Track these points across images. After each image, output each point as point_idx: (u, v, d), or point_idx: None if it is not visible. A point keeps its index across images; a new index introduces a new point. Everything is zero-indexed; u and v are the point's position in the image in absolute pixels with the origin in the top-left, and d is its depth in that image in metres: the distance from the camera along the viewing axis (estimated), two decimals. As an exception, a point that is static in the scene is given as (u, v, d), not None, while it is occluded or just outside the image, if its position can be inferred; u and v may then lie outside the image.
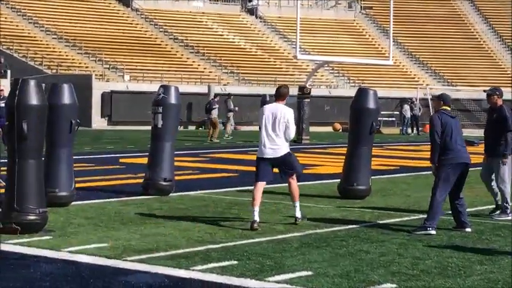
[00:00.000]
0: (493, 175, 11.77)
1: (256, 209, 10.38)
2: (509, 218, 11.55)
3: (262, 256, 8.56)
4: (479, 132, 42.22)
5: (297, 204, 10.80)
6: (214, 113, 32.01)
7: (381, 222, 11.19)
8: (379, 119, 14.29)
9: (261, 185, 10.69)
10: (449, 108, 10.64)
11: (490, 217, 11.70)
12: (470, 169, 10.77)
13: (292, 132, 10.67)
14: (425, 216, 10.47)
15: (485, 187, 12.08)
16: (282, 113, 10.56)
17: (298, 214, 10.79)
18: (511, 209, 11.73)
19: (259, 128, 10.80)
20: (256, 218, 10.33)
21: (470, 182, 16.53)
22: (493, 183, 11.85)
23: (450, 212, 10.78)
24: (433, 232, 10.14)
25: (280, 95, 10.80)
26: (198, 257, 8.42)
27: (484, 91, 12.05)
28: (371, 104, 13.59)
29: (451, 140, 10.38)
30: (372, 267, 8.11)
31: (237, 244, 9.22)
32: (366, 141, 13.64)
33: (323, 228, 10.49)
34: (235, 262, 8.24)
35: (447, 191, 10.45)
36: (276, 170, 10.94)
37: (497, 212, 11.84)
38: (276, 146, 10.62)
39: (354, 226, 10.76)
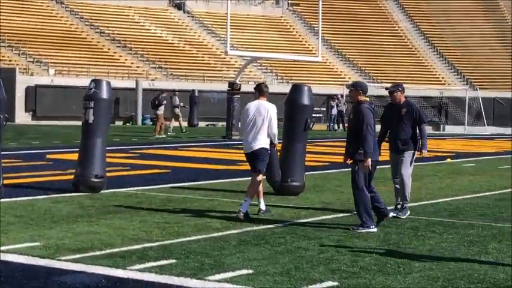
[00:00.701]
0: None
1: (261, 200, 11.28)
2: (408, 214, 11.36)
3: (201, 254, 8.41)
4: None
5: (261, 200, 11.38)
6: (162, 109, 31.79)
7: (317, 219, 11.16)
8: (313, 115, 14.21)
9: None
10: (368, 100, 10.53)
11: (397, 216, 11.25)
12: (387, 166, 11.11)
13: (275, 128, 11.19)
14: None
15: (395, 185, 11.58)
16: (266, 110, 11.10)
17: (262, 206, 11.37)
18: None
19: (243, 124, 11.28)
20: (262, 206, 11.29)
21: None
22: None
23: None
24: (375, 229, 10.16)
25: (262, 91, 11.28)
26: (135, 256, 8.21)
27: (386, 88, 11.81)
28: (305, 101, 13.55)
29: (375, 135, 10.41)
30: (312, 265, 8.05)
31: (174, 242, 9.04)
32: (301, 137, 13.60)
33: (260, 225, 10.40)
34: (174, 261, 8.06)
35: None
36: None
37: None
38: (257, 141, 11.10)
39: (291, 223, 10.69)
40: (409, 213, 11.41)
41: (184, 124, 35.22)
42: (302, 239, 9.44)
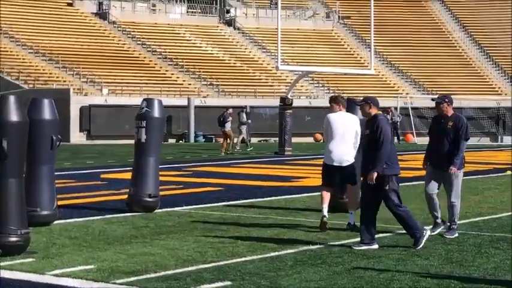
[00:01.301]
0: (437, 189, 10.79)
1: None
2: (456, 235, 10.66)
3: (257, 276, 8.19)
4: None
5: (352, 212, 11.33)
6: (228, 126, 31.95)
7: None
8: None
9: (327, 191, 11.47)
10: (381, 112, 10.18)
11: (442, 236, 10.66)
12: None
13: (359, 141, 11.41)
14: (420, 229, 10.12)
15: (430, 202, 10.88)
16: (351, 122, 11.42)
17: (351, 220, 11.33)
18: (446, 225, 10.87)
19: (327, 137, 11.49)
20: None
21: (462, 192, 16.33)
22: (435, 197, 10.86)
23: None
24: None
25: (340, 103, 11.50)
26: (189, 278, 8.03)
27: (432, 99, 11.17)
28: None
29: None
30: (372, 286, 7.78)
31: (229, 263, 8.85)
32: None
33: (316, 244, 10.13)
34: (229, 283, 7.87)
35: None
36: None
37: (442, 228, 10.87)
38: (343, 155, 11.33)
39: (348, 241, 10.41)
40: (457, 234, 10.68)
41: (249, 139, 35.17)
42: (360, 258, 9.17)
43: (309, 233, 11.04)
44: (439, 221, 10.88)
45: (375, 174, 9.72)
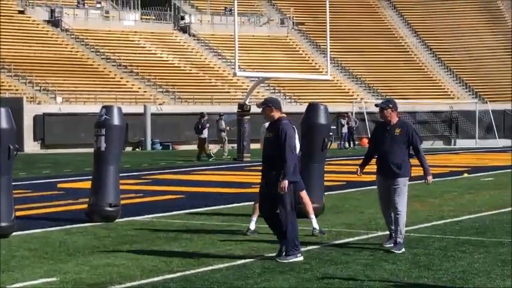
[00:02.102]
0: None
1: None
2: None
3: (225, 285, 8.05)
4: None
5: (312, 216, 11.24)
6: (205, 133, 31.92)
7: (340, 241, 10.78)
8: (331, 134, 13.86)
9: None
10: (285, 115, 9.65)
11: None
12: (417, 182, 10.60)
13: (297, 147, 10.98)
14: (383, 233, 10.10)
15: (387, 216, 10.23)
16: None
17: (315, 225, 11.21)
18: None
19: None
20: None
21: (421, 196, 16.41)
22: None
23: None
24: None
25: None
26: (156, 289, 7.86)
27: (376, 105, 10.40)
28: (322, 120, 13.21)
29: None
30: (343, 292, 7.68)
31: (196, 272, 8.68)
32: (318, 157, 13.23)
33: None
34: (197, 293, 7.71)
35: None
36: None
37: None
38: None
39: (314, 247, 10.32)
40: (403, 249, 9.85)
41: (229, 147, 34.94)
42: (328, 264, 9.08)
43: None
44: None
45: (286, 183, 9.22)
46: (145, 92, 47.78)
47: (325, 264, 9.07)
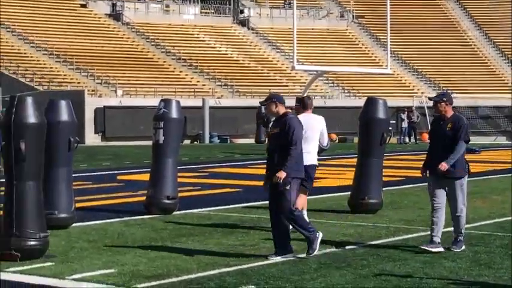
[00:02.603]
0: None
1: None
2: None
3: (281, 279, 8.00)
4: (477, 140, 41.96)
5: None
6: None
7: (398, 238, 10.65)
8: (390, 128, 13.72)
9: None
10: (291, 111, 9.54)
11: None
12: (479, 178, 10.25)
13: (326, 140, 11.07)
14: (443, 230, 9.89)
15: (435, 216, 9.70)
16: (316, 122, 10.94)
17: None
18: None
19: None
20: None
21: (483, 192, 16.13)
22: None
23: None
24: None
25: (307, 105, 11.05)
26: (212, 283, 7.86)
27: (429, 98, 10.02)
28: (381, 114, 13.07)
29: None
30: (400, 290, 7.57)
31: (252, 266, 8.66)
32: (377, 152, 13.12)
33: (339, 246, 9.93)
34: (253, 287, 7.68)
35: None
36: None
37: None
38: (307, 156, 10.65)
39: (372, 243, 10.21)
40: (464, 247, 9.63)
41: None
42: (386, 261, 8.96)
43: (332, 234, 10.83)
44: (436, 239, 9.58)
45: (284, 174, 8.98)
46: (204, 85, 48.00)
47: (382, 261, 8.96)
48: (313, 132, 10.83)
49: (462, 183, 9.66)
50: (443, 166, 9.44)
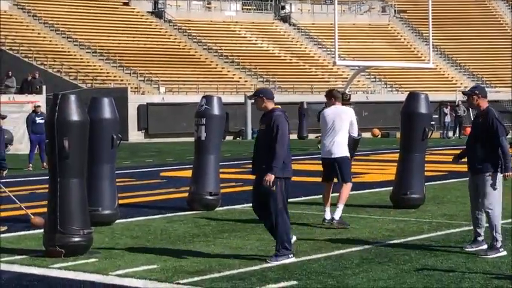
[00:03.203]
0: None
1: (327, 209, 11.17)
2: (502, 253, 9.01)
3: (323, 275, 8.02)
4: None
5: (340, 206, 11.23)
6: None
7: (441, 233, 10.59)
8: (432, 123, 13.65)
9: (328, 185, 11.55)
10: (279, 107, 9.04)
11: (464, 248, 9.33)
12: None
13: (356, 130, 11.51)
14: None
15: (474, 216, 9.39)
16: (344, 114, 11.39)
17: (336, 215, 11.14)
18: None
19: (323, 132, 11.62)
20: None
21: None
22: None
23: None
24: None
25: (335, 97, 11.49)
26: (254, 278, 7.90)
27: (463, 92, 9.64)
28: (423, 109, 13.00)
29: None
30: (443, 285, 7.54)
31: (294, 262, 8.68)
32: (419, 147, 13.05)
33: (382, 241, 9.92)
34: (295, 282, 7.71)
35: None
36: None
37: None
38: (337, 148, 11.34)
39: (414, 238, 10.17)
40: (501, 253, 8.98)
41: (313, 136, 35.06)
42: (428, 256, 8.92)
43: (373, 230, 10.82)
44: (480, 238, 9.34)
45: (272, 177, 8.65)
46: (246, 81, 48.08)
47: (424, 256, 8.92)
48: (342, 122, 11.29)
49: (494, 179, 9.06)
50: (509, 175, 9.07)
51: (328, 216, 11.20)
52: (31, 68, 40.35)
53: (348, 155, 11.39)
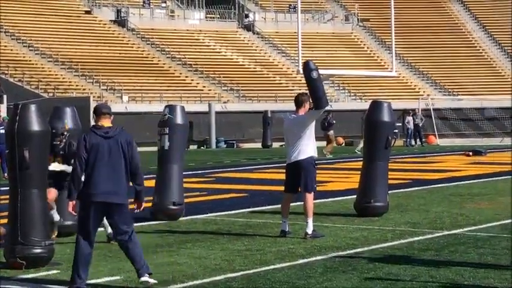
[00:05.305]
0: None
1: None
2: None
3: (287, 284, 7.99)
4: (483, 141, 41.76)
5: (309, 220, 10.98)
6: (332, 129, 32.42)
7: (404, 241, 10.62)
8: (395, 131, 13.71)
9: (287, 196, 11.36)
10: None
11: None
12: (485, 180, 10.15)
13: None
14: (449, 233, 9.88)
15: None
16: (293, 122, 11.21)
17: (308, 230, 10.89)
18: None
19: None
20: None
21: (489, 194, 16.10)
22: None
23: None
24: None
25: (298, 103, 11.24)
26: (218, 288, 7.85)
27: None
28: (386, 117, 13.06)
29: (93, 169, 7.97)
30: (406, 293, 7.55)
31: (258, 271, 8.65)
32: (382, 155, 13.09)
33: (346, 250, 9.93)
34: (259, 292, 7.67)
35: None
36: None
37: None
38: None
39: (377, 246, 10.19)
40: None
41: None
42: (392, 264, 8.94)
43: (337, 238, 10.82)
44: None
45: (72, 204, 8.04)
46: (210, 90, 48.03)
47: (388, 264, 8.94)
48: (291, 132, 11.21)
49: None
50: None
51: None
52: (-8, 77, 39.90)
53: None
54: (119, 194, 8.01)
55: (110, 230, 10.15)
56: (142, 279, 7.85)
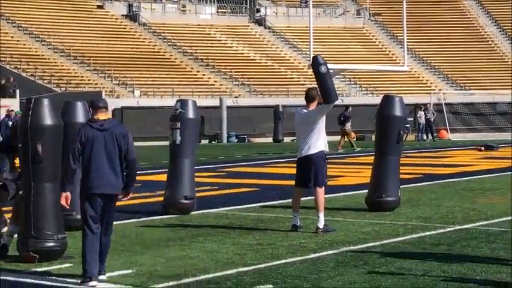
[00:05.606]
0: None
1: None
2: None
3: (298, 278, 8.01)
4: (495, 136, 41.59)
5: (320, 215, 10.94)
6: (348, 124, 32.48)
7: (416, 235, 10.62)
8: (407, 126, 13.69)
9: (298, 191, 11.33)
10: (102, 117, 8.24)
11: None
12: (497, 174, 10.15)
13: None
14: (461, 227, 9.87)
15: None
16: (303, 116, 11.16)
17: (320, 224, 10.88)
18: None
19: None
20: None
21: (502, 188, 16.05)
22: None
23: None
24: None
25: (308, 98, 11.15)
26: (230, 282, 7.87)
27: None
28: (397, 112, 13.04)
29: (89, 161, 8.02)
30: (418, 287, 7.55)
31: (269, 266, 8.67)
32: (394, 150, 13.09)
33: (357, 244, 9.94)
34: (271, 286, 7.70)
35: None
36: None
37: None
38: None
39: (389, 241, 10.19)
40: None
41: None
42: (404, 259, 8.93)
43: (349, 233, 10.83)
44: None
45: (67, 196, 8.17)
46: (221, 85, 48.05)
47: (400, 259, 8.94)
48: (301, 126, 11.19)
49: None
50: None
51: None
52: (5, 72, 40.07)
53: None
54: (115, 185, 8.13)
55: None
56: (101, 277, 7.97)
